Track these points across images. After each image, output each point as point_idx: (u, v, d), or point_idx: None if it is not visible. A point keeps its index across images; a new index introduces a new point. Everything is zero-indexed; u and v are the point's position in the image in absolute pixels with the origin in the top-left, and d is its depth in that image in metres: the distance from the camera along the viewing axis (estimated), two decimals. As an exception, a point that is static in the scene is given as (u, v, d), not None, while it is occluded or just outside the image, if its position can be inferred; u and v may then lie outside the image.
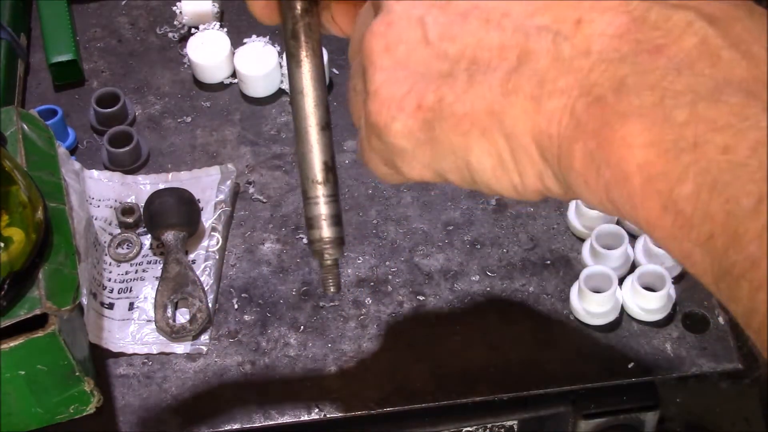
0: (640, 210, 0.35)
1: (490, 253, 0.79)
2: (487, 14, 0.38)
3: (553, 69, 0.37)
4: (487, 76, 0.38)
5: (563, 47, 0.37)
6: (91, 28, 0.97)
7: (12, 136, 0.70)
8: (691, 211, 0.33)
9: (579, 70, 0.36)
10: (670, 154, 0.33)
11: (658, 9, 0.36)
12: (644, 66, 0.35)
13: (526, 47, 0.37)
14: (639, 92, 0.34)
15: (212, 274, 0.78)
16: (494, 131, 0.38)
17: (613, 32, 0.36)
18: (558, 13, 0.37)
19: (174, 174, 0.84)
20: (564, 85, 0.36)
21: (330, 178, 0.49)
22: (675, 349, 0.73)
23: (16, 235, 0.61)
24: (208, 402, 0.72)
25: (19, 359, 0.61)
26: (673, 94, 0.34)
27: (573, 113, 0.36)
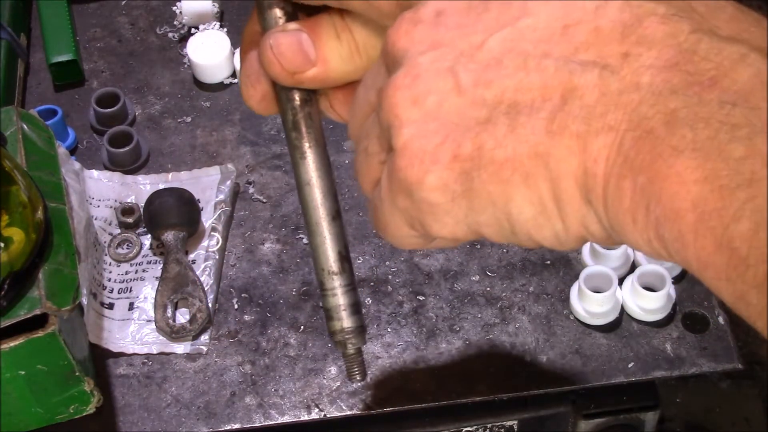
0: (691, 248, 0.33)
1: (490, 253, 0.79)
2: (525, 56, 0.37)
3: (600, 104, 0.35)
4: (530, 117, 0.36)
5: (610, 81, 0.35)
6: (91, 28, 0.97)
7: (12, 136, 0.70)
8: (747, 250, 0.32)
9: (628, 104, 0.35)
10: (726, 191, 0.32)
11: (709, 41, 0.35)
12: (697, 98, 0.33)
13: (571, 84, 0.36)
14: (692, 125, 0.33)
15: (212, 274, 0.78)
16: (538, 176, 0.37)
17: (662, 65, 0.35)
18: (603, 49, 0.36)
19: (174, 174, 0.84)
20: (612, 120, 0.35)
21: (345, 267, 0.49)
22: (675, 349, 0.73)
23: (16, 235, 0.61)
24: (208, 402, 0.72)
25: (19, 359, 0.61)
26: (729, 127, 0.32)
27: (621, 149, 0.35)
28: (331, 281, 0.49)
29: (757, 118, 0.32)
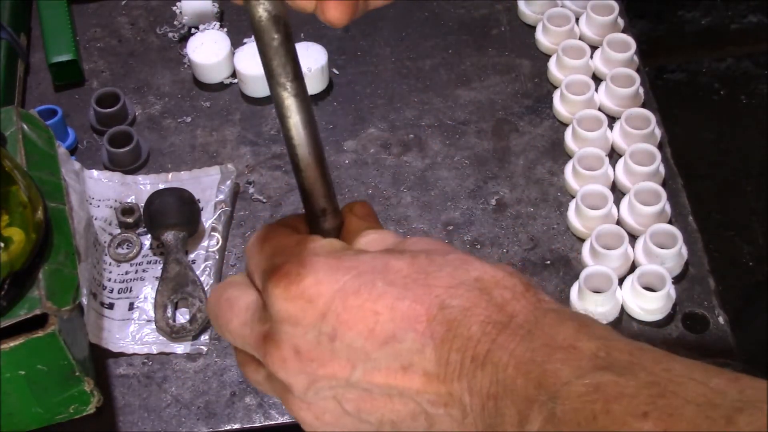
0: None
1: (490, 253, 0.79)
2: (387, 388, 0.46)
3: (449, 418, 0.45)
4: (410, 427, 0.47)
5: (451, 411, 0.45)
6: (91, 28, 0.97)
7: (12, 136, 0.70)
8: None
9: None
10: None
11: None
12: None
13: (430, 414, 0.46)
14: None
15: (212, 274, 0.78)
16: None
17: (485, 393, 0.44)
18: (438, 389, 0.45)
19: (174, 174, 0.84)
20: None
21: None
22: (675, 349, 0.73)
23: (16, 235, 0.61)
24: (208, 402, 0.72)
25: (19, 359, 0.61)
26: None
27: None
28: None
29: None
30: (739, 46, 1.83)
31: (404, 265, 0.46)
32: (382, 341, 0.45)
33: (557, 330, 0.43)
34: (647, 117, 0.84)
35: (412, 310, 0.45)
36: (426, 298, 0.45)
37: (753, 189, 1.64)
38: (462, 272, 0.46)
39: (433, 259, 0.47)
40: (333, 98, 0.90)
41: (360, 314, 0.45)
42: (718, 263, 1.46)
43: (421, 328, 0.44)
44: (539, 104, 0.89)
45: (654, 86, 0.91)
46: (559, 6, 0.94)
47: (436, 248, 0.48)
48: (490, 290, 0.45)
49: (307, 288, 0.46)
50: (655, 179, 0.81)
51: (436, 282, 0.45)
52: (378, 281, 0.46)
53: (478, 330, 0.44)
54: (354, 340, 0.45)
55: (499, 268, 0.47)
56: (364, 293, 0.45)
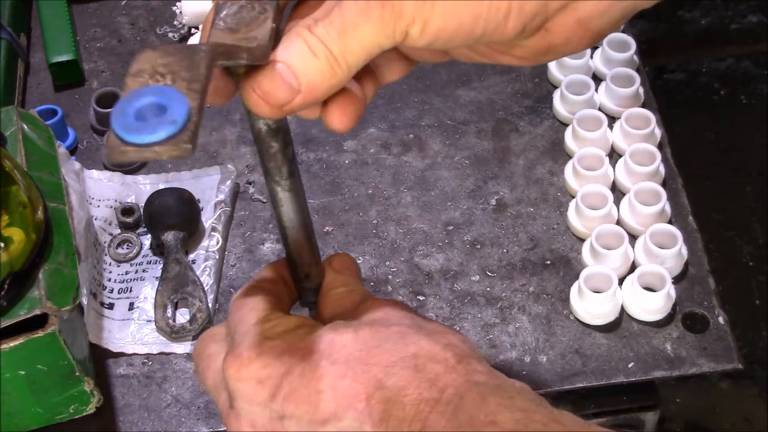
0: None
1: (490, 253, 0.79)
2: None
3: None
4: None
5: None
6: (91, 28, 0.97)
7: (12, 136, 0.70)
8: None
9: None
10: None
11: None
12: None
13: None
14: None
15: (212, 274, 0.78)
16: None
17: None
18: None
19: (174, 174, 0.84)
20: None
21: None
22: (675, 349, 0.73)
23: (16, 235, 0.61)
24: (208, 402, 0.72)
25: (19, 359, 0.61)
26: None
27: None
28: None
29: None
30: (739, 46, 1.83)
31: (347, 341, 0.50)
32: (325, 419, 0.49)
33: (481, 405, 0.47)
34: (647, 117, 0.84)
35: (352, 390, 0.48)
36: (365, 377, 0.48)
37: (753, 189, 1.63)
38: (400, 347, 0.49)
39: (376, 331, 0.50)
40: (333, 98, 0.90)
41: (304, 394, 0.49)
42: (718, 263, 1.46)
43: (360, 407, 0.48)
44: (539, 104, 0.89)
45: (654, 86, 0.91)
46: (559, 6, 0.94)
47: (382, 318, 0.52)
48: (424, 366, 0.48)
49: (257, 371, 0.50)
50: (655, 179, 0.81)
51: (375, 360, 0.49)
52: (321, 360, 0.49)
53: (411, 409, 0.47)
54: (301, 418, 0.49)
55: (436, 341, 0.50)
56: (307, 374, 0.49)
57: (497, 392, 0.48)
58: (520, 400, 0.47)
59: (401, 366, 0.48)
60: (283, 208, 0.53)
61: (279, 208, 0.53)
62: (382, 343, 0.49)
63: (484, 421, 0.46)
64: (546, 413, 0.47)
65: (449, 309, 0.76)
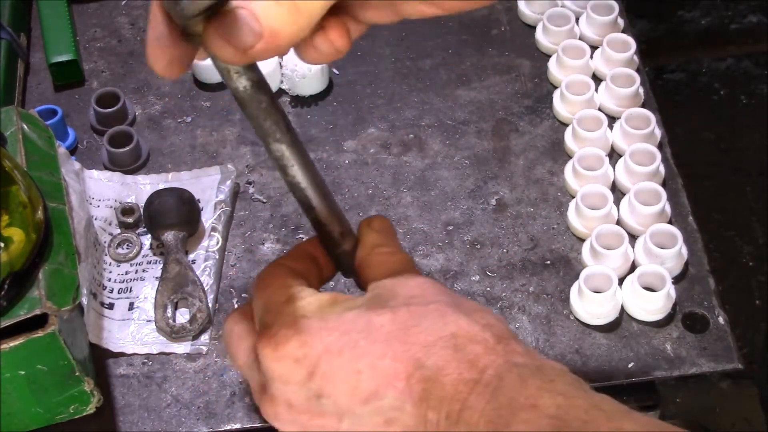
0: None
1: (490, 253, 0.79)
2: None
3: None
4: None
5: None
6: (91, 28, 0.97)
7: (12, 136, 0.70)
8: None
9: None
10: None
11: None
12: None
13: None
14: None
15: (212, 274, 0.78)
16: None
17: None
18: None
19: (174, 174, 0.84)
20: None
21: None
22: (675, 349, 0.73)
23: (16, 235, 0.61)
24: (208, 402, 0.72)
25: (19, 359, 0.61)
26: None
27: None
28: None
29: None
30: (739, 46, 1.83)
31: (385, 321, 0.49)
32: (365, 398, 0.48)
33: (521, 388, 0.46)
34: (647, 117, 0.84)
35: (392, 369, 0.48)
36: (404, 356, 0.48)
37: (753, 189, 1.63)
38: (439, 327, 0.49)
39: (413, 311, 0.50)
40: (333, 98, 0.90)
41: (343, 373, 0.49)
42: (718, 263, 1.46)
43: (400, 386, 0.48)
44: (539, 104, 0.89)
45: (654, 86, 0.91)
46: (559, 6, 0.94)
47: (420, 295, 0.51)
48: (463, 346, 0.48)
49: (294, 349, 0.49)
50: (655, 179, 0.81)
51: (414, 339, 0.49)
52: (360, 340, 0.49)
53: (451, 389, 0.47)
54: (339, 397, 0.49)
55: (475, 321, 0.50)
56: (346, 353, 0.49)
57: (537, 374, 0.47)
58: (561, 384, 0.47)
59: (441, 346, 0.48)
60: (294, 168, 0.51)
61: (290, 169, 0.51)
62: (421, 321, 0.49)
63: (524, 404, 0.46)
64: (587, 398, 0.46)
65: (449, 309, 0.76)
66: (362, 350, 0.49)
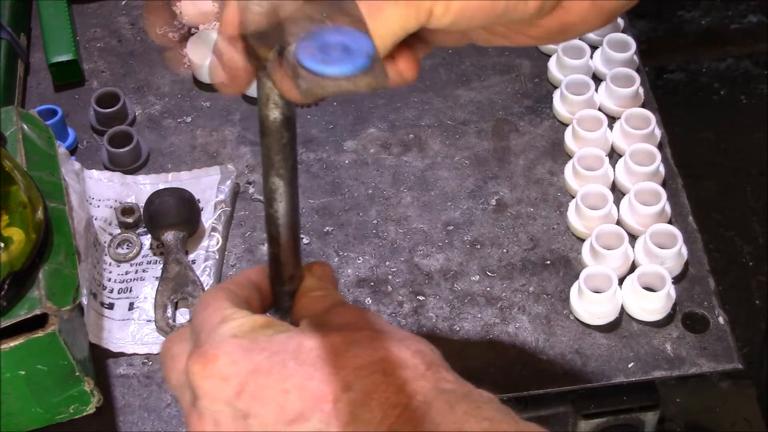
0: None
1: (490, 253, 0.79)
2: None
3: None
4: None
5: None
6: (91, 28, 0.97)
7: (12, 136, 0.70)
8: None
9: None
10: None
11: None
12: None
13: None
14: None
15: (212, 274, 0.78)
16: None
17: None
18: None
19: (174, 174, 0.84)
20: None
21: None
22: (675, 349, 0.73)
23: (16, 235, 0.61)
24: (208, 402, 0.72)
25: (19, 359, 0.61)
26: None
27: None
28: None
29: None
30: (739, 46, 1.83)
31: (316, 345, 0.49)
32: (291, 419, 0.48)
33: (448, 413, 0.47)
34: (647, 117, 0.84)
35: (319, 391, 0.48)
36: (332, 378, 0.48)
37: (753, 189, 1.63)
38: (369, 352, 0.49)
39: (345, 336, 0.50)
40: (333, 98, 0.90)
41: (271, 393, 0.48)
42: (718, 263, 1.46)
43: (327, 409, 0.47)
44: (539, 104, 0.89)
45: (654, 86, 0.91)
46: (559, 6, 0.94)
47: (353, 322, 0.51)
48: (393, 371, 0.48)
49: (223, 367, 0.49)
50: (655, 179, 0.81)
51: (343, 362, 0.48)
52: (289, 361, 0.49)
53: (378, 413, 0.47)
54: (266, 417, 0.48)
55: (406, 347, 0.50)
56: (275, 373, 0.48)
57: (464, 400, 0.48)
58: (487, 410, 0.47)
59: (370, 370, 0.48)
60: (280, 204, 0.52)
61: (276, 204, 0.52)
62: (352, 347, 0.49)
63: (450, 429, 0.46)
64: (512, 424, 0.47)
65: (449, 309, 0.76)
66: (291, 371, 0.48)
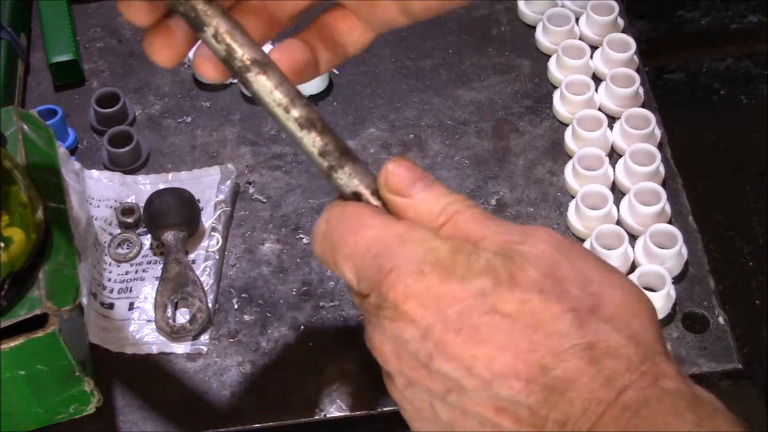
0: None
1: (490, 253, 0.79)
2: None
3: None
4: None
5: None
6: (91, 28, 0.97)
7: (12, 136, 0.70)
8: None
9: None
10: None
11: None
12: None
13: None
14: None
15: (212, 274, 0.78)
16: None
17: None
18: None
19: (174, 174, 0.84)
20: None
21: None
22: (675, 349, 0.73)
23: (16, 235, 0.61)
24: (208, 402, 0.72)
25: (19, 359, 0.61)
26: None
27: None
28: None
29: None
30: (739, 46, 1.83)
31: (514, 309, 0.44)
32: (477, 384, 0.44)
33: (673, 422, 0.40)
34: (647, 117, 0.84)
35: (512, 367, 0.43)
36: (528, 356, 0.43)
37: (753, 189, 1.63)
38: (574, 333, 0.43)
39: (546, 305, 0.44)
40: (333, 98, 0.90)
41: (458, 352, 0.44)
42: (718, 263, 1.46)
43: (517, 387, 0.43)
44: (539, 104, 0.89)
45: (654, 86, 0.91)
46: (559, 6, 0.94)
47: (553, 276, 0.45)
48: (600, 360, 0.42)
49: (411, 310, 0.45)
50: (655, 179, 0.81)
51: (543, 339, 0.43)
52: (483, 325, 0.44)
53: (579, 406, 0.42)
54: (449, 371, 0.44)
55: (617, 329, 0.44)
56: (464, 334, 0.44)
57: (695, 406, 0.41)
58: (722, 422, 0.41)
59: (573, 354, 0.42)
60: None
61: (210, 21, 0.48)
62: (554, 320, 0.43)
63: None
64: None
65: (449, 309, 0.76)
66: (482, 336, 0.43)
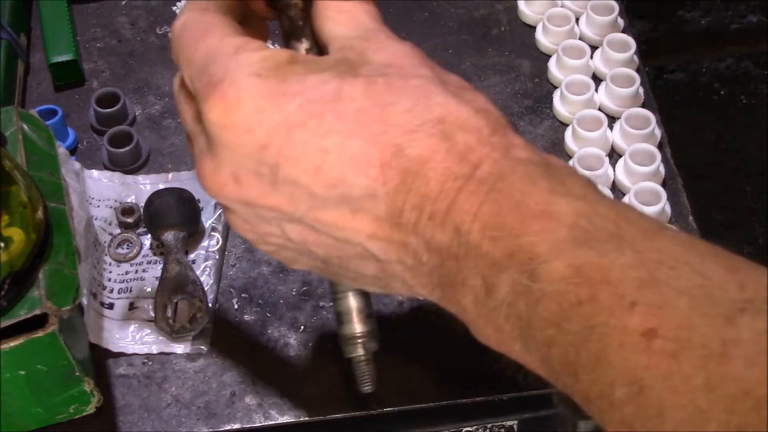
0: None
1: (490, 253, 0.79)
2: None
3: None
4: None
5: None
6: (91, 28, 0.97)
7: (12, 136, 0.70)
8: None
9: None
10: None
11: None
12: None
13: (380, 260, 0.43)
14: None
15: (212, 274, 0.78)
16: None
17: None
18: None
19: (174, 174, 0.84)
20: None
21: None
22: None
23: (16, 235, 0.61)
24: (208, 402, 0.72)
25: (19, 359, 0.61)
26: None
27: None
28: (343, 284, 0.49)
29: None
30: (739, 46, 1.83)
31: (358, 93, 0.41)
32: (330, 183, 0.41)
33: (528, 190, 0.39)
34: (647, 117, 0.84)
35: (364, 153, 0.40)
36: (380, 139, 0.41)
37: (753, 189, 1.63)
38: (423, 108, 0.41)
39: (391, 85, 0.41)
40: (333, 98, 0.90)
41: (305, 150, 0.41)
42: (718, 263, 1.45)
43: (373, 174, 0.40)
44: (539, 104, 0.89)
45: (654, 86, 0.91)
46: (559, 6, 0.94)
47: (398, 65, 0.43)
48: (452, 134, 0.41)
49: (247, 116, 0.41)
50: (655, 179, 0.81)
51: (392, 119, 0.41)
52: (327, 114, 0.41)
53: (436, 186, 0.40)
54: (298, 177, 0.41)
55: (466, 103, 0.42)
56: (310, 127, 0.41)
57: (548, 173, 0.40)
58: (577, 184, 0.39)
59: (425, 132, 0.40)
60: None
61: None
62: (401, 98, 0.41)
63: (534, 210, 0.38)
64: (610, 206, 0.38)
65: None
66: (329, 126, 0.40)
